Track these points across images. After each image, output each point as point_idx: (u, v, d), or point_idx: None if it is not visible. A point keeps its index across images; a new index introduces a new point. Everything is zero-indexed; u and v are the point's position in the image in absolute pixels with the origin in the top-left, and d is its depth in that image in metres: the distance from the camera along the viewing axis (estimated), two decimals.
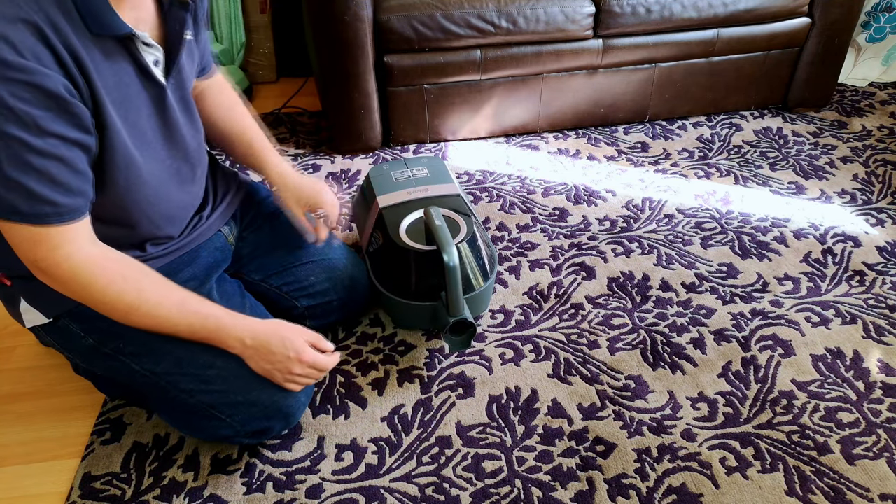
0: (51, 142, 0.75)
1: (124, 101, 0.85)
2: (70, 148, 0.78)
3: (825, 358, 1.21)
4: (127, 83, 0.85)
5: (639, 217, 1.59)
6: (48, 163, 0.76)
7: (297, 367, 0.96)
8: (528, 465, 1.04)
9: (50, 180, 0.77)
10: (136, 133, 0.88)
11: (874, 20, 2.06)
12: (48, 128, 0.74)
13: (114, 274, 0.86)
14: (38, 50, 0.72)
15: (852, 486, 1.00)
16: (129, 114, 0.86)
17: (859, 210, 1.60)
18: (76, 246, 0.82)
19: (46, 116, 0.74)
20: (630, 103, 1.94)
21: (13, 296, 0.98)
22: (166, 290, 0.91)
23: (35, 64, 0.72)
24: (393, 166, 1.39)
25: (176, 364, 0.96)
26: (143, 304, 0.88)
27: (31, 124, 0.73)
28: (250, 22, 2.21)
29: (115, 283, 0.86)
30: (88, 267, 0.84)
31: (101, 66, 0.80)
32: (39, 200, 0.77)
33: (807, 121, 1.99)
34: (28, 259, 0.83)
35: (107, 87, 0.81)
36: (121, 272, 0.87)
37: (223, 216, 1.14)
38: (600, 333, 1.27)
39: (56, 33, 0.74)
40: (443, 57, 1.73)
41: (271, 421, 1.00)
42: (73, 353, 1.03)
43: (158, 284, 0.91)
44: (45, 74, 0.72)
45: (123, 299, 0.87)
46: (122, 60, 0.84)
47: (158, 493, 1.02)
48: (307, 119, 2.07)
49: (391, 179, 1.35)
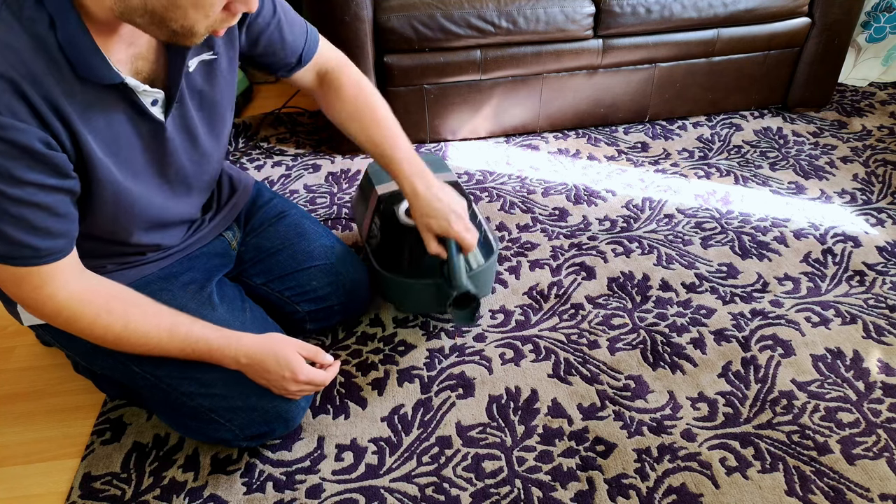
0: (28, 190, 0.74)
1: (116, 139, 0.83)
2: (49, 194, 0.77)
3: (825, 358, 1.21)
4: (118, 122, 0.83)
5: (639, 217, 1.59)
6: (25, 210, 0.75)
7: (293, 385, 0.95)
8: (528, 465, 1.04)
9: (28, 226, 0.76)
10: (127, 167, 0.86)
11: (874, 20, 2.06)
12: (24, 177, 0.73)
13: (98, 309, 0.86)
14: (13, 104, 0.70)
15: (852, 486, 1.00)
16: (120, 150, 0.84)
17: (859, 210, 1.60)
18: (59, 284, 0.82)
19: (21, 167, 0.73)
20: (630, 103, 1.94)
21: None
22: (155, 319, 0.90)
23: (9, 119, 0.70)
24: None
25: (177, 367, 0.96)
26: (131, 335, 0.88)
27: (5, 175, 0.72)
28: None
29: (101, 318, 0.86)
30: (72, 304, 0.84)
31: (91, 111, 0.78)
32: (19, 245, 0.77)
33: (807, 121, 1.99)
34: (14, 295, 0.83)
35: (94, 130, 0.80)
36: (105, 306, 0.86)
37: (225, 220, 1.14)
38: (600, 333, 1.27)
39: (35, 86, 0.72)
40: (443, 57, 1.73)
41: (271, 425, 1.00)
42: (73, 351, 1.03)
43: (146, 313, 0.90)
44: (18, 129, 0.71)
45: (111, 331, 0.87)
46: (113, 102, 0.81)
47: (158, 493, 1.02)
48: (307, 119, 2.07)
49: None
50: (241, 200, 1.19)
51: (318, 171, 1.81)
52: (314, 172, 1.80)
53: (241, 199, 1.19)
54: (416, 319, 1.32)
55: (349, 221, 1.62)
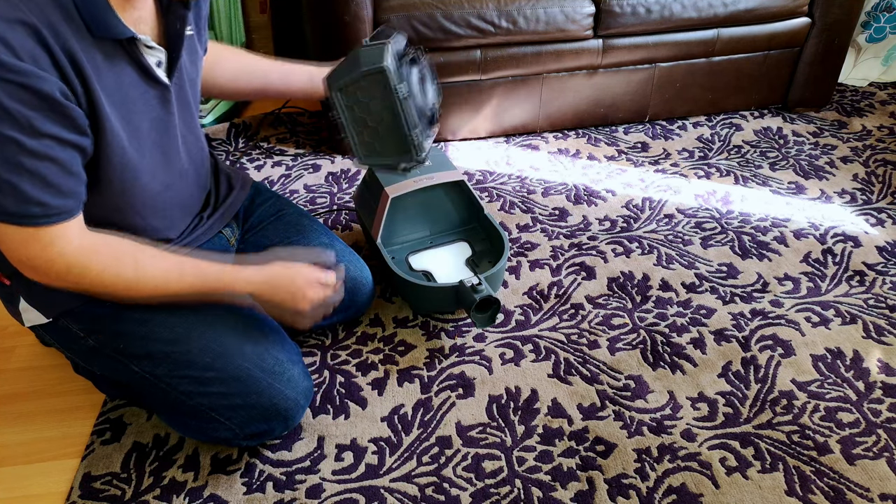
0: (45, 143, 0.75)
1: (125, 102, 0.85)
2: (65, 149, 0.78)
3: (825, 358, 1.21)
4: (129, 85, 0.85)
5: (639, 217, 1.59)
6: (41, 164, 0.76)
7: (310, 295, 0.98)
8: (528, 465, 1.04)
9: (42, 181, 0.77)
10: (134, 135, 0.88)
11: (874, 20, 2.06)
12: (43, 129, 0.74)
13: (108, 258, 0.86)
14: (36, 53, 0.72)
15: (852, 486, 1.00)
16: (130, 116, 0.86)
17: (859, 210, 1.60)
18: (67, 241, 0.82)
19: (41, 118, 0.74)
20: (630, 103, 1.94)
21: (12, 294, 0.98)
22: (163, 261, 0.91)
23: (31, 66, 0.71)
24: None
25: (175, 366, 0.96)
26: (141, 279, 0.89)
27: (25, 125, 0.73)
28: (250, 22, 2.21)
29: (111, 267, 0.86)
30: (81, 258, 0.84)
31: (102, 69, 0.80)
32: (29, 202, 0.77)
33: (807, 121, 1.99)
34: (18, 258, 0.83)
35: (106, 89, 0.81)
36: (114, 254, 0.87)
37: (224, 217, 1.14)
38: (600, 333, 1.27)
39: (55, 36, 0.74)
40: (443, 57, 1.73)
41: (270, 423, 0.99)
42: (73, 352, 1.03)
43: (154, 256, 0.91)
44: (41, 77, 0.72)
45: (122, 278, 0.87)
46: (123, 63, 0.84)
47: (158, 493, 1.02)
48: (307, 119, 2.07)
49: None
50: (239, 198, 1.19)
51: (318, 171, 1.81)
52: (314, 172, 1.80)
53: (239, 196, 1.19)
54: (416, 319, 1.32)
55: (349, 221, 1.62)
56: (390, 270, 1.26)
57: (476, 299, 1.16)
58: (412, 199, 1.34)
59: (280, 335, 1.06)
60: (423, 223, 1.40)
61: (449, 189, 1.37)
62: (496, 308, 1.21)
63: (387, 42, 0.99)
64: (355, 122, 1.04)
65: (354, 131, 1.04)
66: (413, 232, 1.40)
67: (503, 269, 1.31)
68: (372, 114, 1.02)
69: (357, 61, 0.99)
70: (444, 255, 1.38)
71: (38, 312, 0.97)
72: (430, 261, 1.36)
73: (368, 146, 1.05)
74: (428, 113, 1.07)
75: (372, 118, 1.02)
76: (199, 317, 0.98)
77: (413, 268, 1.34)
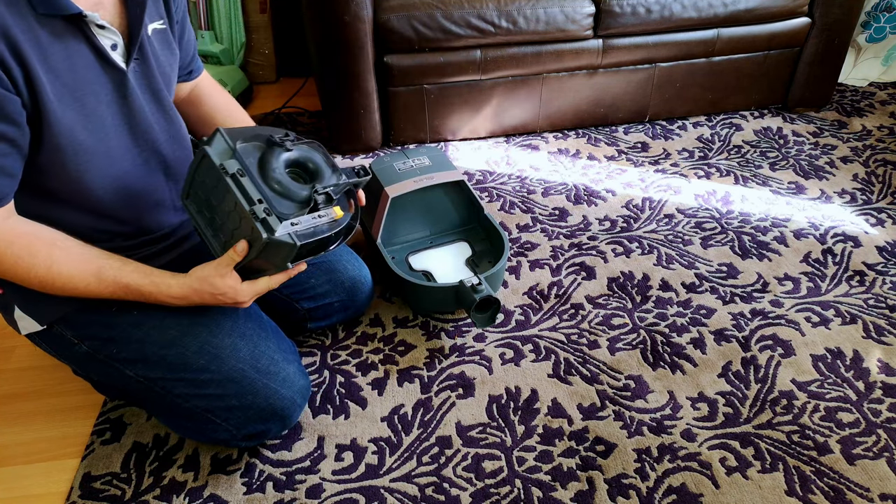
0: None
1: (77, 85, 0.83)
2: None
3: (825, 358, 1.21)
4: (81, 66, 0.83)
5: (639, 217, 1.59)
6: None
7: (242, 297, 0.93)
8: (528, 465, 1.04)
9: None
10: (91, 118, 0.85)
11: (874, 20, 2.06)
12: None
13: (20, 250, 0.84)
14: None
15: (852, 486, 1.00)
16: (84, 98, 0.84)
17: (859, 210, 1.60)
18: None
19: None
20: (630, 103, 1.94)
21: (7, 303, 0.98)
22: (80, 261, 0.87)
23: None
24: (394, 158, 1.41)
25: (169, 370, 0.95)
26: (55, 278, 0.86)
27: None
28: (250, 22, 2.21)
29: (23, 260, 0.84)
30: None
31: (48, 49, 0.78)
32: None
33: (807, 121, 1.99)
34: None
35: (53, 70, 0.79)
36: (28, 248, 0.84)
37: None
38: (600, 333, 1.27)
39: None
40: (443, 57, 1.73)
41: (267, 424, 0.99)
42: (68, 360, 1.03)
43: (70, 255, 0.87)
44: None
45: (35, 273, 0.85)
46: (74, 43, 0.81)
47: (158, 493, 1.02)
48: (307, 119, 2.07)
49: (395, 170, 1.36)
50: None
51: None
52: None
53: None
54: (416, 319, 1.32)
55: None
56: (390, 270, 1.26)
57: (476, 299, 1.16)
58: (412, 199, 1.34)
59: (276, 334, 1.06)
60: (422, 223, 1.41)
61: (449, 189, 1.38)
62: (496, 308, 1.21)
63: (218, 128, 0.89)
64: (204, 223, 0.92)
65: (207, 233, 0.93)
66: (413, 232, 1.41)
67: (503, 269, 1.31)
68: (213, 207, 0.90)
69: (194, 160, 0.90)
70: (444, 255, 1.38)
71: (32, 320, 0.97)
72: (429, 261, 1.36)
73: (223, 244, 0.92)
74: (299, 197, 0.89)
75: (217, 212, 0.90)
76: (193, 319, 0.98)
77: (413, 268, 1.34)
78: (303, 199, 0.90)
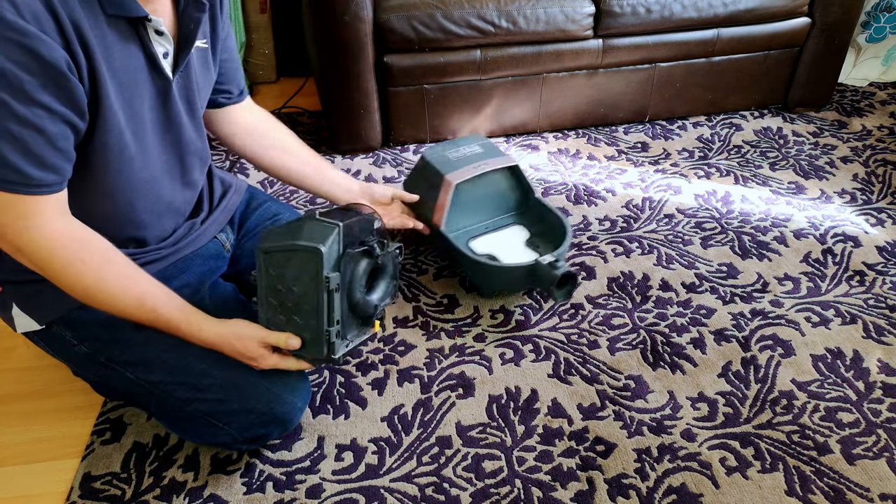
0: (35, 111, 0.73)
1: (130, 86, 0.84)
2: (54, 122, 0.76)
3: (825, 358, 1.21)
4: (135, 69, 0.85)
5: (639, 217, 1.59)
6: (26, 132, 0.74)
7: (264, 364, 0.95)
8: (528, 465, 1.04)
9: (24, 150, 0.75)
10: (135, 120, 0.87)
11: (874, 20, 2.06)
12: (35, 96, 0.72)
13: (74, 257, 0.84)
14: (41, 15, 0.70)
15: (852, 486, 1.00)
16: (132, 99, 0.86)
17: (859, 210, 1.60)
18: (42, 219, 0.80)
19: (36, 84, 0.72)
20: (630, 103, 1.94)
21: (5, 301, 0.98)
22: (127, 283, 0.88)
23: (35, 28, 0.70)
24: (445, 147, 1.43)
25: (170, 373, 0.95)
26: (98, 294, 0.86)
27: (17, 88, 0.71)
28: (250, 22, 2.21)
29: (73, 266, 0.84)
30: (48, 244, 0.82)
31: (112, 48, 0.80)
32: (8, 167, 0.75)
33: (807, 121, 1.99)
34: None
35: (112, 68, 0.81)
36: (81, 256, 0.84)
37: (218, 223, 1.13)
38: (600, 333, 1.27)
39: (63, 4, 0.72)
40: (443, 57, 1.73)
41: (268, 427, 0.99)
42: (66, 360, 1.03)
43: (120, 275, 0.88)
44: (43, 41, 0.70)
45: (81, 282, 0.85)
46: (132, 45, 0.83)
47: (158, 493, 1.02)
48: (307, 119, 2.07)
49: (450, 159, 1.39)
50: (234, 201, 1.18)
51: None
52: None
53: (234, 199, 1.18)
54: (416, 319, 1.32)
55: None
56: (460, 255, 1.30)
57: (558, 275, 1.19)
58: (468, 187, 1.36)
59: None
60: (478, 209, 1.43)
61: (502, 174, 1.41)
62: (573, 282, 1.24)
63: (339, 224, 0.88)
64: (269, 290, 0.92)
65: (265, 298, 0.92)
66: (470, 218, 1.43)
67: (566, 250, 1.34)
68: (291, 291, 0.90)
69: (298, 232, 0.89)
70: (503, 239, 1.41)
71: (31, 319, 0.96)
72: (491, 245, 1.39)
73: (274, 321, 0.93)
74: (366, 313, 0.96)
75: (290, 297, 0.90)
76: None
77: (475, 253, 1.36)
78: (367, 316, 0.96)
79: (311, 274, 0.86)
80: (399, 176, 1.77)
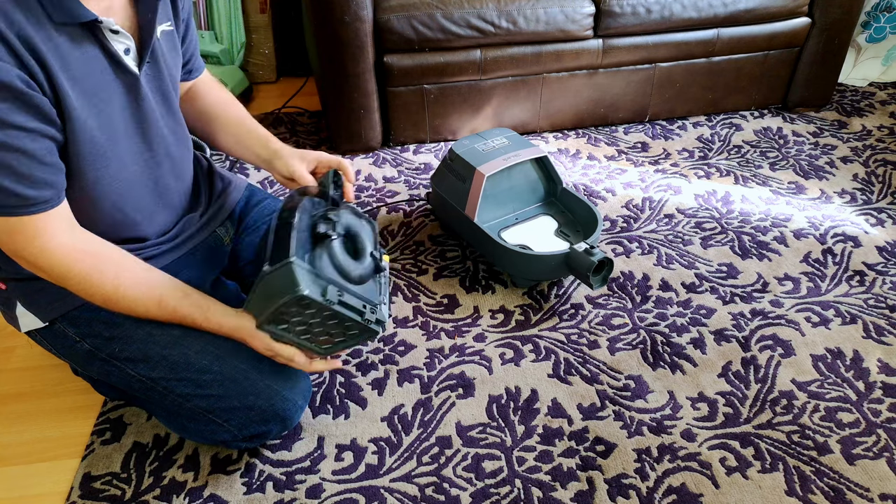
0: (11, 133, 0.74)
1: (95, 90, 0.83)
2: (34, 139, 0.76)
3: (825, 358, 1.21)
4: (98, 71, 0.83)
5: (639, 217, 1.59)
6: (10, 156, 0.75)
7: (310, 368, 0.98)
8: (528, 465, 1.04)
9: (13, 173, 0.76)
10: (107, 124, 0.86)
11: (874, 20, 2.06)
12: (7, 119, 0.73)
13: (90, 269, 0.86)
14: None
15: (852, 486, 1.00)
16: (100, 104, 0.84)
17: (859, 210, 1.60)
18: (51, 235, 0.82)
19: (4, 108, 0.72)
20: (630, 103, 1.94)
21: (9, 299, 0.98)
22: (145, 289, 0.91)
23: None
24: (473, 140, 1.45)
25: (171, 369, 0.95)
26: (119, 300, 0.89)
27: None
28: (250, 22, 2.21)
29: (92, 277, 0.86)
30: (64, 260, 0.84)
31: (68, 56, 0.79)
32: (4, 193, 0.76)
33: (807, 121, 1.99)
34: (11, 250, 0.83)
35: (73, 77, 0.80)
36: (97, 266, 0.87)
37: (217, 218, 1.14)
38: (600, 333, 1.27)
39: (8, 24, 0.72)
40: (443, 57, 1.73)
41: (268, 425, 0.99)
42: (69, 358, 1.03)
43: (137, 281, 0.90)
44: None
45: (101, 292, 0.88)
46: (90, 49, 0.82)
47: (158, 493, 1.02)
48: (307, 119, 2.07)
49: (479, 151, 1.40)
50: (234, 198, 1.18)
51: None
52: None
53: (234, 195, 1.18)
54: (416, 319, 1.32)
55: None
56: (496, 246, 1.32)
57: (595, 262, 1.21)
58: (497, 178, 1.38)
59: None
60: (507, 201, 1.45)
61: (530, 165, 1.43)
62: (609, 268, 1.25)
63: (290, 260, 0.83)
64: (302, 334, 0.92)
65: (308, 341, 0.93)
66: (500, 209, 1.45)
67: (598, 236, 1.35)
68: (313, 324, 0.90)
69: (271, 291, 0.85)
70: (533, 229, 1.43)
71: (34, 317, 0.97)
72: (522, 235, 1.41)
73: (327, 346, 0.95)
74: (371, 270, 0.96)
75: (316, 327, 0.91)
76: None
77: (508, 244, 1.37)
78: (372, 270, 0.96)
79: (314, 310, 0.86)
80: (399, 176, 1.77)
